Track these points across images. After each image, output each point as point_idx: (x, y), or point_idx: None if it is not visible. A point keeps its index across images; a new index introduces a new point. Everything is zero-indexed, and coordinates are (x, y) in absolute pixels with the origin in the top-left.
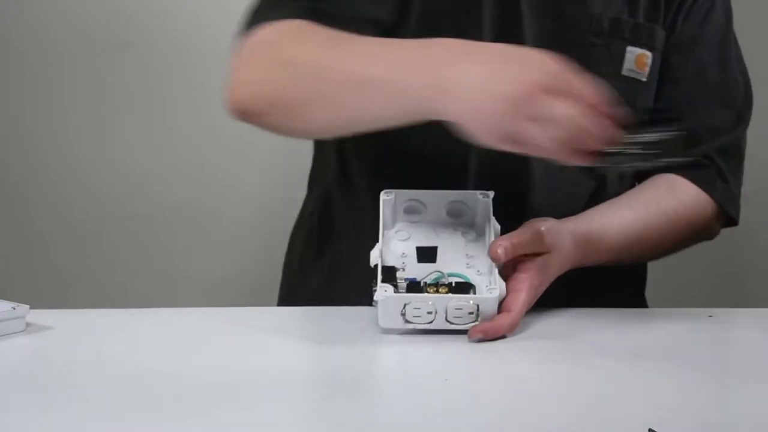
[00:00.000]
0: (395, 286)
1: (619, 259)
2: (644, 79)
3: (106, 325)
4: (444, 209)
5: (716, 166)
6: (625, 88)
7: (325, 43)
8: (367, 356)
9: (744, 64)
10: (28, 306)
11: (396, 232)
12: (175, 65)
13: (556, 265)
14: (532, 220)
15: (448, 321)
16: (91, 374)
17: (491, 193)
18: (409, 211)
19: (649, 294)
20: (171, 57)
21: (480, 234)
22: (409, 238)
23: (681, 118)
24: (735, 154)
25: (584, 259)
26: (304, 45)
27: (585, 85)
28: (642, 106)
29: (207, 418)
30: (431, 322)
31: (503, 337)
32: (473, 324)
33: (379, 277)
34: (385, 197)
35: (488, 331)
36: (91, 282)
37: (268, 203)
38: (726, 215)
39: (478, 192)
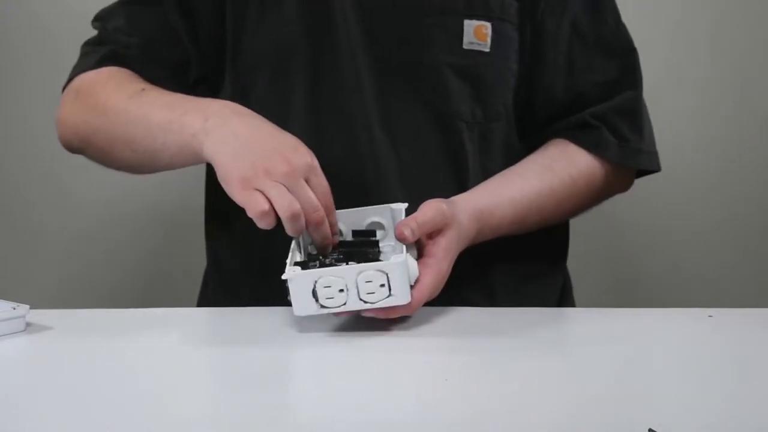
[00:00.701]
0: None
1: (518, 229)
2: (487, 50)
3: (106, 325)
4: (363, 227)
5: (610, 126)
6: (471, 62)
7: (127, 94)
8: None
9: (620, 17)
10: (28, 306)
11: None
12: None
13: (458, 242)
14: (429, 200)
15: (361, 300)
16: (91, 374)
17: (405, 204)
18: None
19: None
20: None
21: (392, 238)
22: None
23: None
24: (632, 110)
25: (479, 234)
26: (112, 94)
27: (324, 185)
28: (489, 75)
29: (208, 417)
30: (345, 303)
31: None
32: (387, 299)
33: (290, 258)
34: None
35: (380, 313)
36: (91, 282)
37: None
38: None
39: (391, 205)
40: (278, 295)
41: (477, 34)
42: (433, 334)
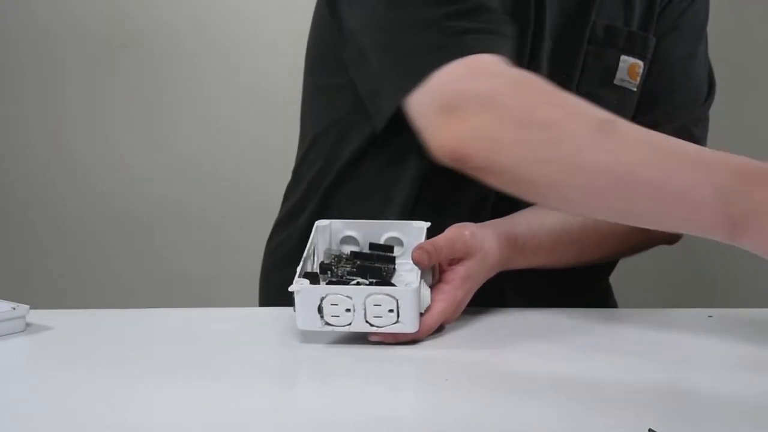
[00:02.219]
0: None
1: (556, 261)
2: (634, 89)
3: (106, 325)
4: (380, 240)
5: None
6: (616, 98)
7: (599, 134)
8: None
9: (709, 61)
10: (28, 306)
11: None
12: (176, 65)
13: (481, 271)
14: (455, 225)
15: (367, 322)
16: (91, 375)
17: (427, 224)
18: (345, 241)
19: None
20: (171, 57)
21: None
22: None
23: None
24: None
25: (510, 261)
26: (574, 125)
27: None
28: (627, 114)
29: (209, 418)
30: (350, 324)
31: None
32: (394, 326)
33: (300, 267)
34: (321, 224)
35: (388, 338)
36: (91, 282)
37: (267, 202)
38: None
39: (412, 222)
40: None
41: (630, 71)
42: (434, 333)
